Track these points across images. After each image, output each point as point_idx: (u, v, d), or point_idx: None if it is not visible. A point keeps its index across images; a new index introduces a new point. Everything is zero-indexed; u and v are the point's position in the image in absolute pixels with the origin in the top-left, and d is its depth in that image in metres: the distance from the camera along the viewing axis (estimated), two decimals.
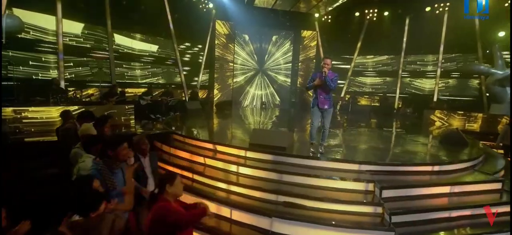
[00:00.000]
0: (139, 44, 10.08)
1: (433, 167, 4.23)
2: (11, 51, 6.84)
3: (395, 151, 5.58)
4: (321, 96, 4.26)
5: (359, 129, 8.53)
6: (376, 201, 3.35)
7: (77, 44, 8.37)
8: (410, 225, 3.13)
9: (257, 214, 3.23)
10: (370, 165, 4.05)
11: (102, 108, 6.47)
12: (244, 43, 13.61)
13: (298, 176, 3.75)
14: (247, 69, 13.84)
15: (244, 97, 13.91)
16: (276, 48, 14.12)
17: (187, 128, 7.06)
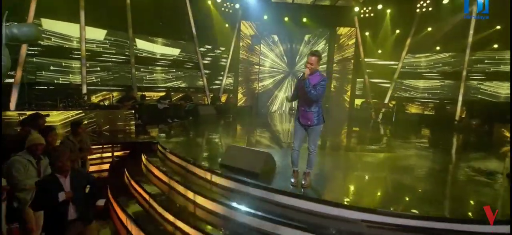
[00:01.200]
0: (160, 48, 10.14)
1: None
2: (36, 58, 7.37)
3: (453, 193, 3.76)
4: (303, 108, 3.16)
5: (400, 147, 6.42)
6: None
7: (100, 50, 8.73)
8: None
9: None
10: (399, 217, 2.65)
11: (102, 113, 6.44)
12: (273, 44, 12.72)
13: (265, 222, 2.75)
14: (276, 72, 12.90)
15: (272, 102, 13.00)
16: (308, 49, 12.81)
17: (176, 136, 6.53)
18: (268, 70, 12.83)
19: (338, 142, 7.27)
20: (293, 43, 12.81)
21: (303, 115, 3.15)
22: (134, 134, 6.52)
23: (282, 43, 12.76)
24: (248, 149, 3.77)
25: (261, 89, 12.74)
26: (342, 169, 4.60)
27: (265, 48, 12.61)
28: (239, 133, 8.15)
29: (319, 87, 2.99)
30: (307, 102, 3.10)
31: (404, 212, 2.73)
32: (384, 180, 4.05)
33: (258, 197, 3.10)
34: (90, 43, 8.48)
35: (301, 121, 3.17)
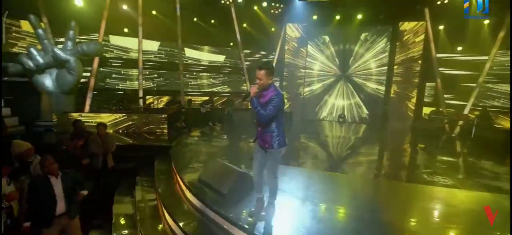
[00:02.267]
0: (206, 55, 10.77)
1: None
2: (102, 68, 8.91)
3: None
4: (259, 128, 2.68)
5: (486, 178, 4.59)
6: None
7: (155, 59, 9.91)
8: None
9: None
10: None
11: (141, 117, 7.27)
12: (324, 45, 11.78)
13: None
14: (326, 75, 11.90)
15: (321, 108, 12.06)
16: (365, 49, 11.34)
17: (189, 143, 6.60)
18: (317, 73, 11.96)
19: (394, 165, 5.82)
20: (347, 43, 11.55)
21: (260, 137, 2.69)
22: (166, 137, 7.09)
23: (334, 44, 11.68)
24: (225, 164, 3.51)
25: (308, 94, 12.03)
26: (393, 209, 3.29)
27: (313, 50, 11.82)
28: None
29: (271, 106, 2.50)
30: (261, 123, 2.65)
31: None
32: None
33: (213, 221, 2.85)
34: (147, 54, 9.73)
35: (259, 142, 2.73)
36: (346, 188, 4.16)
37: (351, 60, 11.61)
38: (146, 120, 7.22)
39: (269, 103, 2.49)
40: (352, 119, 11.73)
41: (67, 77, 7.42)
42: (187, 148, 5.91)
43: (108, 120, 7.08)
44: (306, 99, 11.95)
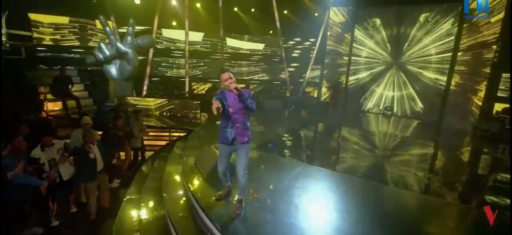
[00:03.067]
0: (247, 44, 11.15)
1: None
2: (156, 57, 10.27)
3: None
4: (238, 124, 2.86)
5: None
6: None
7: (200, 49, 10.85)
8: None
9: None
10: None
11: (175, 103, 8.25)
12: (374, 29, 10.67)
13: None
14: (375, 62, 10.83)
15: (367, 99, 11.13)
16: (424, 32, 9.82)
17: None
18: (364, 61, 10.99)
19: (444, 177, 4.68)
20: (402, 26, 10.19)
21: (240, 133, 2.89)
22: (198, 120, 7.92)
23: (386, 27, 10.45)
24: (213, 152, 3.88)
25: (353, 83, 11.23)
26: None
27: (361, 35, 10.84)
28: (273, 133, 6.81)
29: (252, 100, 2.73)
30: (243, 118, 2.86)
31: None
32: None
33: (191, 205, 3.31)
34: (194, 45, 10.73)
35: (236, 140, 2.93)
36: (380, 200, 3.49)
37: (406, 46, 10.25)
38: (184, 105, 8.16)
39: (249, 98, 2.71)
40: (403, 112, 10.50)
41: (126, 66, 8.90)
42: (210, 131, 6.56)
43: (154, 104, 8.30)
44: (350, 89, 11.20)
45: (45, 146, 3.82)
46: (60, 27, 9.45)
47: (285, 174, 3.94)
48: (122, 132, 5.48)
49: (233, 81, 2.74)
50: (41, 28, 9.18)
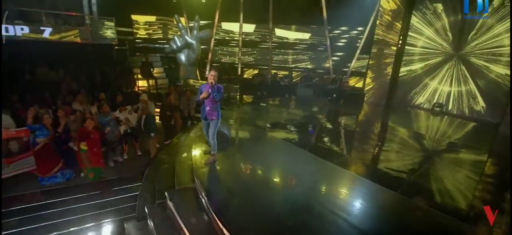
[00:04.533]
0: (293, 34, 11.96)
1: None
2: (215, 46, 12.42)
3: None
4: (208, 107, 4.30)
5: None
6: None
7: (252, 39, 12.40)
8: None
9: None
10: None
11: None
12: (434, 15, 9.63)
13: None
14: (431, 53, 9.85)
15: (418, 93, 10.29)
16: (496, 20, 8.36)
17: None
18: (419, 51, 10.10)
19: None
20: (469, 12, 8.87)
21: (209, 113, 4.37)
22: (237, 102, 9.64)
23: (449, 13, 9.29)
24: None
25: (405, 75, 10.53)
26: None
27: (419, 22, 9.95)
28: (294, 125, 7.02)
29: (221, 92, 4.13)
30: (212, 103, 4.30)
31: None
32: None
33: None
34: (249, 35, 12.33)
35: (207, 117, 4.40)
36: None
37: (472, 35, 8.94)
38: (227, 88, 9.99)
39: (219, 90, 4.16)
40: (459, 111, 9.37)
41: (191, 55, 11.21)
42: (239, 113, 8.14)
43: None
44: (400, 81, 10.55)
45: (122, 110, 6.26)
46: (150, 24, 12.67)
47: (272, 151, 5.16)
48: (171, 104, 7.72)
49: (213, 78, 4.16)
50: (138, 25, 12.58)
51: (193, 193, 3.82)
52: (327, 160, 4.64)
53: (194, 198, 3.71)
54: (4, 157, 5.04)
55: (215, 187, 3.80)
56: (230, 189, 3.75)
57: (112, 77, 9.78)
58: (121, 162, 6.26)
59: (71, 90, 8.11)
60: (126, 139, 6.46)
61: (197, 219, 3.30)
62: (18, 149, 5.26)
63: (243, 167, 4.55)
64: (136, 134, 6.59)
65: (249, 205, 3.37)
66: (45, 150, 5.47)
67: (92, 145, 5.41)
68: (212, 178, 4.01)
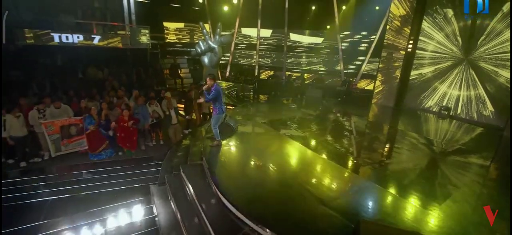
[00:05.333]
0: (307, 38, 12.76)
1: None
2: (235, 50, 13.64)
3: None
4: (211, 106, 5.48)
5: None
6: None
7: (269, 43, 13.43)
8: None
9: None
10: None
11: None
12: (445, 21, 9.85)
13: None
14: (441, 58, 10.07)
15: (427, 96, 10.52)
16: (506, 24, 8.45)
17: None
18: (430, 55, 10.34)
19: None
20: (479, 17, 9.02)
21: (213, 109, 5.53)
22: (251, 100, 10.73)
23: (459, 18, 9.48)
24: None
25: (415, 78, 10.81)
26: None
27: (430, 27, 10.21)
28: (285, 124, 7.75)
29: (212, 95, 5.26)
30: (212, 103, 5.45)
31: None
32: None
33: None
34: (267, 39, 13.39)
35: (212, 112, 5.56)
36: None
37: (481, 40, 9.07)
38: (242, 88, 11.13)
39: (208, 94, 5.31)
40: (468, 115, 9.50)
41: (213, 58, 12.61)
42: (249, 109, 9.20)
43: (226, 85, 11.69)
44: (410, 84, 10.85)
45: (151, 104, 7.68)
46: (179, 30, 14.28)
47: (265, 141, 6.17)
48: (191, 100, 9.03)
49: (207, 85, 5.28)
50: (169, 31, 14.25)
51: (200, 167, 4.97)
52: (317, 152, 5.53)
53: (200, 170, 4.86)
54: (66, 138, 6.67)
55: (215, 163, 4.90)
56: (226, 166, 4.84)
57: (145, 77, 11.44)
58: (150, 146, 7.67)
59: (113, 86, 9.82)
60: (154, 128, 7.87)
61: (201, 185, 4.43)
62: (76, 132, 6.87)
63: (240, 151, 5.61)
64: (161, 125, 7.97)
65: (240, 178, 4.43)
66: (93, 134, 7.02)
67: (128, 132, 6.86)
68: (214, 157, 5.12)
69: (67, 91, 8.74)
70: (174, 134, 7.93)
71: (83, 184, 5.46)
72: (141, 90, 9.08)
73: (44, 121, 6.36)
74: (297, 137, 6.43)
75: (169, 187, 4.79)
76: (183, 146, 6.74)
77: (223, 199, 3.83)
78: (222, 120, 5.76)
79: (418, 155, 6.04)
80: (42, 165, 6.31)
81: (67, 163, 6.32)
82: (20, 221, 4.18)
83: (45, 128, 6.31)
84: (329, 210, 3.55)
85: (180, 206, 4.22)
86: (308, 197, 3.87)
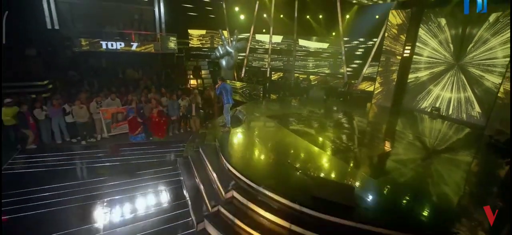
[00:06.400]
0: (314, 44, 14.11)
1: None
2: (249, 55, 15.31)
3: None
4: (222, 99, 7.21)
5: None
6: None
7: (280, 48, 14.95)
8: None
9: None
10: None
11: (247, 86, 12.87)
12: (438, 29, 10.79)
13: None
14: (435, 63, 10.99)
15: (423, 97, 11.46)
16: (492, 33, 9.32)
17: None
18: (425, 60, 11.30)
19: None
20: (468, 26, 9.92)
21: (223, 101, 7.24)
22: (260, 98, 12.32)
23: (450, 27, 10.40)
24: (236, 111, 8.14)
25: (412, 81, 11.79)
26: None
27: (425, 35, 11.18)
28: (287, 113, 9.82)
29: (218, 91, 6.97)
30: (223, 96, 7.17)
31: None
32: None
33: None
34: (280, 44, 14.91)
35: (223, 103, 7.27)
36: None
37: (470, 47, 9.95)
38: (253, 88, 12.75)
39: (219, 91, 7.03)
40: (458, 115, 10.38)
41: (230, 61, 14.38)
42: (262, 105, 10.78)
43: (240, 85, 13.37)
44: (408, 87, 11.84)
45: (183, 99, 9.55)
46: (201, 36, 16.21)
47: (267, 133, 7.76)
48: (209, 97, 10.80)
49: (217, 85, 7.00)
50: (192, 37, 16.23)
51: (213, 146, 6.65)
52: (302, 137, 7.02)
53: (214, 148, 6.53)
54: (115, 122, 8.71)
55: (225, 144, 6.55)
56: (232, 145, 6.48)
57: (173, 77, 13.45)
58: (177, 133, 9.54)
59: (146, 85, 11.87)
60: (181, 119, 9.73)
61: (213, 158, 6.10)
62: (121, 119, 8.88)
63: (243, 136, 7.21)
64: (187, 116, 9.81)
65: (241, 153, 6.05)
66: (133, 121, 8.99)
67: (158, 124, 8.76)
68: (224, 140, 6.78)
69: (110, 88, 10.87)
70: (194, 124, 9.74)
71: (127, 156, 7.37)
72: (168, 88, 11.01)
73: (101, 108, 8.45)
74: (290, 126, 7.93)
75: (191, 160, 6.53)
76: (202, 132, 8.49)
77: (227, 164, 5.46)
78: (230, 109, 7.47)
79: (398, 144, 7.30)
80: (97, 143, 8.36)
81: (114, 142, 8.32)
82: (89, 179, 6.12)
83: (101, 113, 8.37)
84: (302, 175, 5.05)
85: (198, 171, 5.93)
86: (288, 165, 5.39)
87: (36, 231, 4.40)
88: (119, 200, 5.34)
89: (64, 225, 4.50)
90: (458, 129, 9.58)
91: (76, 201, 5.23)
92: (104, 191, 5.60)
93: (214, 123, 9.34)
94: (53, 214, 4.83)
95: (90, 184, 5.88)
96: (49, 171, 6.39)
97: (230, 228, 4.34)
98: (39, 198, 5.26)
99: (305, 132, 7.66)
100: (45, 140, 8.11)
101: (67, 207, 5.05)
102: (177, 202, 5.35)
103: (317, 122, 9.00)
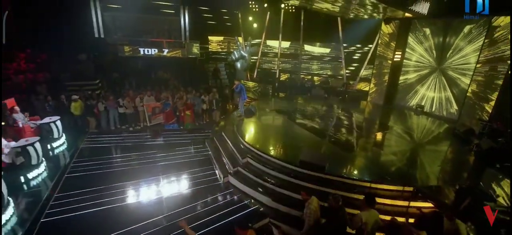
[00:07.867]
0: (318, 49, 16.09)
1: None
2: (260, 58, 17.49)
3: None
4: (240, 95, 9.41)
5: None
6: None
7: (288, 52, 17.02)
8: None
9: None
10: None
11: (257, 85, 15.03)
12: (424, 38, 12.52)
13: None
14: (422, 66, 12.72)
15: (412, 96, 13.20)
16: (466, 42, 11.01)
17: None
18: (413, 64, 13.03)
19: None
20: (448, 36, 11.63)
21: (240, 97, 9.44)
22: (270, 95, 14.46)
23: (434, 36, 12.12)
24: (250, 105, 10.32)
25: (402, 82, 13.53)
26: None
27: (414, 42, 12.91)
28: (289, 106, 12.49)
29: (237, 90, 9.20)
30: (239, 93, 9.38)
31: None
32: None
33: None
34: (288, 49, 16.99)
35: (239, 99, 9.48)
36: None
37: (449, 53, 11.65)
38: (263, 87, 14.90)
39: (237, 89, 9.27)
40: (440, 112, 12.08)
41: (244, 63, 16.55)
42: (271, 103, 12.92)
43: (252, 85, 15.56)
44: (401, 87, 13.59)
45: (205, 96, 11.86)
46: (220, 42, 18.53)
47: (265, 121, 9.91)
48: (225, 95, 13.04)
49: (235, 85, 9.23)
50: (211, 43, 18.58)
51: (232, 130, 8.86)
52: (299, 125, 9.11)
53: (232, 130, 8.74)
54: (153, 115, 11.13)
55: (241, 128, 8.73)
56: (247, 129, 8.68)
57: (197, 77, 15.83)
58: (202, 123, 11.85)
59: (174, 85, 14.29)
60: (205, 111, 12.03)
61: (233, 137, 8.30)
62: (158, 112, 11.29)
63: (254, 122, 9.38)
64: (209, 109, 12.11)
65: (254, 134, 8.24)
66: (168, 113, 11.38)
67: (189, 113, 11.11)
68: (240, 125, 8.97)
69: (146, 87, 13.35)
70: (216, 115, 12.02)
71: (167, 139, 9.73)
72: (193, 86, 13.34)
73: (144, 103, 10.89)
74: (294, 117, 10.03)
75: (216, 139, 8.78)
76: (222, 121, 10.77)
77: (243, 141, 7.64)
78: (245, 103, 9.69)
79: (384, 134, 9.25)
80: (141, 130, 10.78)
81: (154, 129, 10.73)
82: (144, 152, 8.48)
83: (144, 107, 10.80)
84: (295, 148, 7.15)
85: (221, 147, 8.15)
86: (289, 143, 7.52)
87: (118, 178, 6.74)
88: (169, 165, 7.63)
89: (135, 177, 6.82)
90: (435, 122, 11.29)
91: (140, 165, 7.58)
92: (156, 159, 7.93)
93: (231, 115, 11.59)
94: (124, 172, 7.18)
95: (146, 155, 8.23)
96: (117, 146, 8.85)
97: (247, 179, 6.52)
98: (115, 163, 7.66)
99: (303, 122, 9.74)
100: (104, 126, 10.63)
101: (134, 167, 7.40)
102: (208, 166, 7.58)
103: (316, 115, 11.05)
